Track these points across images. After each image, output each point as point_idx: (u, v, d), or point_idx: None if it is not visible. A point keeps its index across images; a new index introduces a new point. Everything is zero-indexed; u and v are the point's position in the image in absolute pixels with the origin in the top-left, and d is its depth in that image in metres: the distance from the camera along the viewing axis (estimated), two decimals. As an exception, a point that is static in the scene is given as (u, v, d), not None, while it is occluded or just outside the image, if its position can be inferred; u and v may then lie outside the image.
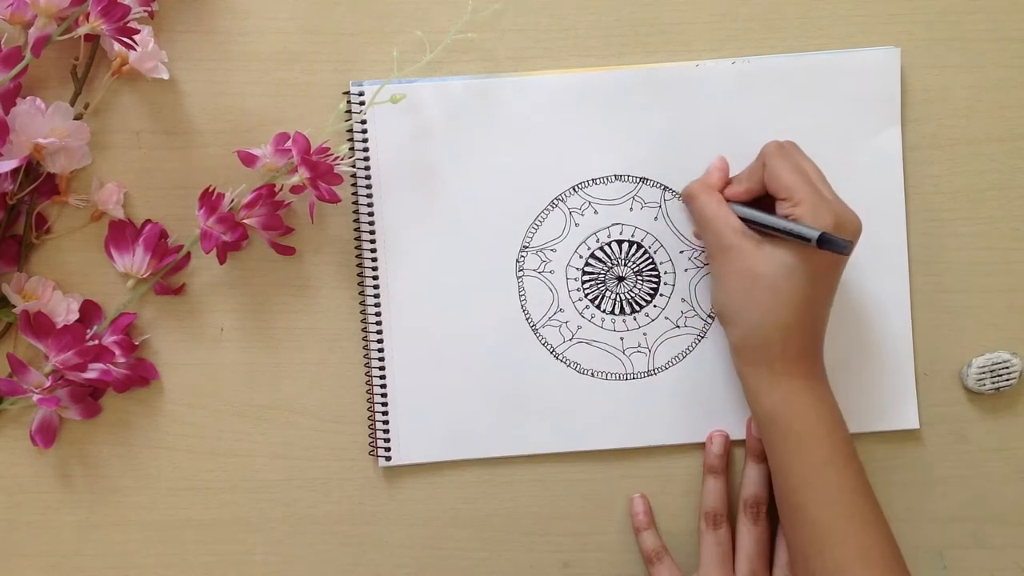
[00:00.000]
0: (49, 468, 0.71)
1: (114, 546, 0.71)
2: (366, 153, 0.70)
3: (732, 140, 0.70)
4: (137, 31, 0.65)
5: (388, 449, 0.71)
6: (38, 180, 0.68)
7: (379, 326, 0.70)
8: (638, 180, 0.70)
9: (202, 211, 0.67)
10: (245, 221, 0.68)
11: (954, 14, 0.71)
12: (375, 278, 0.70)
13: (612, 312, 0.71)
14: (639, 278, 0.71)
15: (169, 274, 0.70)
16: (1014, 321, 0.72)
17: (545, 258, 0.71)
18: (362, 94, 0.69)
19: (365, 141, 0.70)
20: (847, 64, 0.70)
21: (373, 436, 0.71)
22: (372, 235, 0.70)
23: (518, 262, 0.71)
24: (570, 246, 0.71)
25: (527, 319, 0.71)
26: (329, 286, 0.71)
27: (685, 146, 0.70)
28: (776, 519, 0.70)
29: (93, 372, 0.67)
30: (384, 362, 0.70)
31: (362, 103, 0.69)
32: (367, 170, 0.70)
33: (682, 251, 0.71)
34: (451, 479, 0.71)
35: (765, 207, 0.65)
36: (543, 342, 0.71)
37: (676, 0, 0.70)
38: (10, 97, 0.65)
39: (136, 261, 0.69)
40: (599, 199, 0.70)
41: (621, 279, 0.71)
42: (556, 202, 0.70)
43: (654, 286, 0.71)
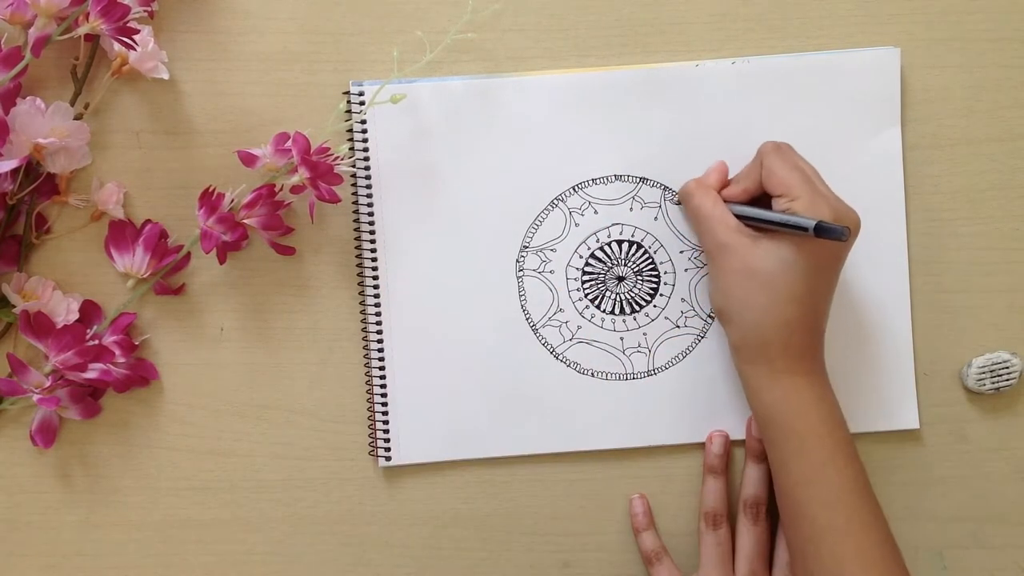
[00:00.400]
0: (49, 468, 0.71)
1: (114, 546, 0.71)
2: (366, 153, 0.70)
3: (732, 140, 0.70)
4: (137, 31, 0.65)
5: (388, 449, 0.71)
6: (38, 180, 0.68)
7: (379, 326, 0.70)
8: (638, 180, 0.70)
9: (202, 211, 0.67)
10: (245, 221, 0.68)
11: (954, 14, 0.71)
12: (375, 278, 0.70)
13: (612, 312, 0.71)
14: (639, 278, 0.71)
15: (169, 274, 0.70)
16: (1014, 321, 0.72)
17: (545, 258, 0.71)
18: (362, 94, 0.69)
19: (365, 141, 0.69)
20: (847, 64, 0.70)
21: (373, 436, 0.71)
22: (372, 235, 0.70)
23: (518, 262, 0.71)
24: (570, 246, 0.71)
25: (527, 319, 0.71)
26: (329, 286, 0.71)
27: (685, 146, 0.70)
28: (776, 519, 0.70)
29: (93, 372, 0.67)
30: (384, 362, 0.70)
31: (362, 103, 0.69)
32: (367, 170, 0.70)
33: (682, 251, 0.71)
34: (451, 479, 0.71)
35: (762, 207, 0.65)
36: (543, 342, 0.71)
37: (676, 0, 0.70)
38: (10, 97, 0.65)
39: (136, 261, 0.69)
40: (599, 199, 0.70)
41: (621, 279, 0.71)
42: (556, 202, 0.70)
43: (654, 286, 0.71)
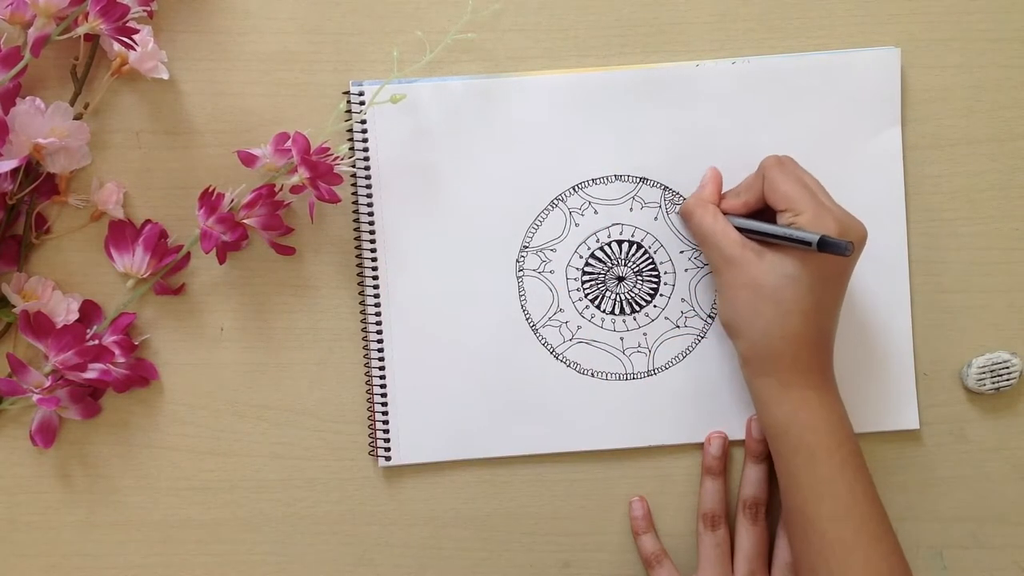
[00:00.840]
0: (49, 468, 0.71)
1: (114, 546, 0.71)
2: (366, 153, 0.70)
3: (732, 140, 0.70)
4: (136, 31, 0.65)
5: (388, 449, 0.71)
6: (38, 180, 0.68)
7: (379, 326, 0.70)
8: (638, 180, 0.70)
9: (202, 211, 0.67)
10: (245, 221, 0.68)
11: (954, 14, 0.71)
12: (375, 278, 0.70)
13: (612, 312, 0.71)
14: (639, 278, 0.71)
15: (169, 274, 0.70)
16: (1014, 321, 0.72)
17: (545, 258, 0.71)
18: (362, 94, 0.69)
19: (365, 141, 0.69)
20: (847, 64, 0.70)
21: (373, 436, 0.71)
22: (372, 235, 0.70)
23: (518, 262, 0.71)
24: (570, 246, 0.71)
25: (527, 319, 0.71)
26: (329, 286, 0.71)
27: (685, 146, 0.70)
28: (775, 519, 0.70)
29: (93, 372, 0.67)
30: (384, 362, 0.70)
31: (362, 103, 0.69)
32: (367, 170, 0.70)
33: (682, 251, 0.71)
34: (451, 479, 0.71)
35: (764, 220, 0.65)
36: (543, 342, 0.71)
37: (676, 0, 0.70)
38: (10, 97, 0.65)
39: (136, 261, 0.69)
40: (599, 199, 0.70)
41: (621, 279, 0.71)
42: (556, 202, 0.70)
43: (654, 286, 0.71)
